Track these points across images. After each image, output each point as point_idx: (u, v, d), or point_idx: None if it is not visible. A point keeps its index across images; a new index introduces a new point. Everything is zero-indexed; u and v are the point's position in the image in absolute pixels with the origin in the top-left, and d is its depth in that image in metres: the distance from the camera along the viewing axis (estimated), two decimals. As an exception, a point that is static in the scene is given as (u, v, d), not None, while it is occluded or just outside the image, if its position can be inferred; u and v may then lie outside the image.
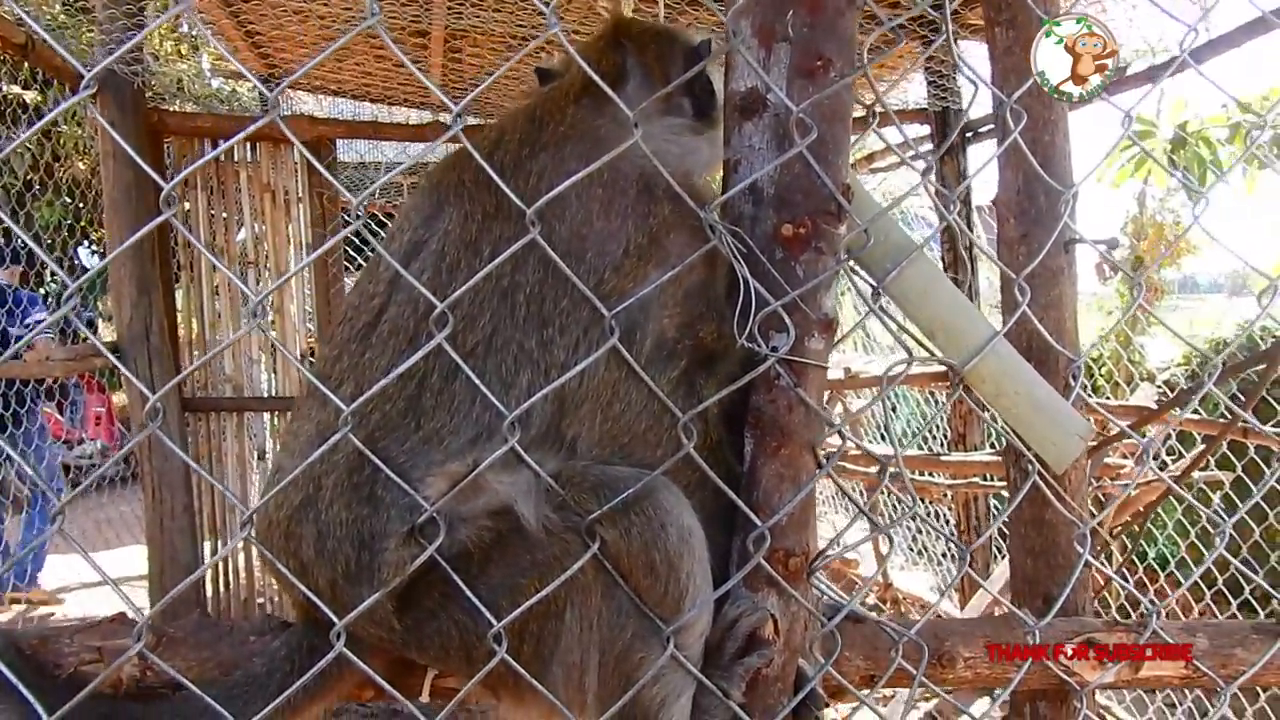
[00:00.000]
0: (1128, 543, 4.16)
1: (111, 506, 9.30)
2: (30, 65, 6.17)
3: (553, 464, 1.56)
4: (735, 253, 1.55)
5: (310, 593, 1.53)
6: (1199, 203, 1.86)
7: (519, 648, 1.52)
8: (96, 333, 9.40)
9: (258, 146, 6.06)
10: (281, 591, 4.69)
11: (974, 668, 1.83)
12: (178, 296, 6.10)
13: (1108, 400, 5.61)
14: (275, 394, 6.31)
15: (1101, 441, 2.62)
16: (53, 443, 8.17)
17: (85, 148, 9.96)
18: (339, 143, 6.92)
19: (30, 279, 8.35)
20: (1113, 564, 4.12)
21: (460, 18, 5.40)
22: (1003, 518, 1.97)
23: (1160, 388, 5.72)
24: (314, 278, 6.23)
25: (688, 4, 4.82)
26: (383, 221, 8.85)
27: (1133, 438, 2.07)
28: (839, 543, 1.73)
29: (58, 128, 9.16)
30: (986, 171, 2.22)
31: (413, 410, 1.61)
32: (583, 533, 1.49)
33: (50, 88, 8.70)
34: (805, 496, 1.57)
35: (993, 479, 5.46)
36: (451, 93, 6.69)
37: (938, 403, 7.40)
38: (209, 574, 5.96)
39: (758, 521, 1.52)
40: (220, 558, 6.11)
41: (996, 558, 5.93)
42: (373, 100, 7.50)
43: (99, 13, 5.03)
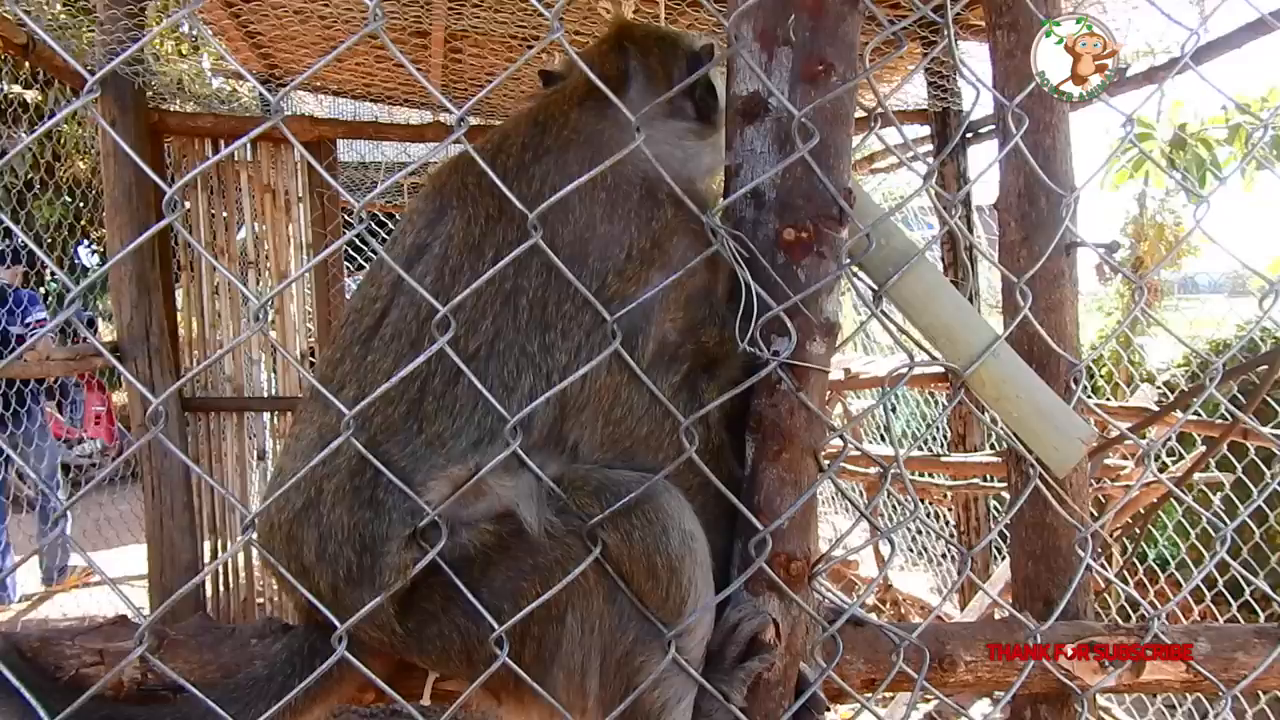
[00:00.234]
0: (1128, 545, 4.16)
1: (111, 506, 9.29)
2: (31, 65, 6.16)
3: (554, 468, 1.56)
4: (737, 257, 1.55)
5: (312, 596, 1.53)
6: (1200, 206, 1.86)
7: (520, 651, 1.52)
8: (96, 332, 9.41)
9: (258, 147, 6.07)
10: (282, 593, 4.69)
11: (975, 671, 1.84)
12: (178, 296, 6.10)
13: (1108, 401, 5.61)
14: (275, 394, 6.32)
15: (1102, 444, 2.62)
16: (53, 442, 8.19)
17: (86, 147, 9.96)
18: (340, 143, 6.92)
19: (31, 279, 8.37)
20: (1113, 566, 4.12)
21: (461, 18, 5.40)
22: (1003, 521, 1.97)
23: (1160, 389, 5.72)
24: (314, 278, 6.24)
25: (688, 6, 4.82)
26: (383, 222, 8.84)
27: (1133, 440, 2.06)
28: (841, 546, 1.73)
29: (58, 127, 9.15)
30: (987, 173, 2.22)
31: (414, 414, 1.61)
32: (584, 536, 1.49)
33: (51, 88, 8.69)
34: (807, 500, 1.57)
35: (993, 480, 5.45)
36: (452, 93, 6.69)
37: (938, 403, 7.40)
38: (210, 575, 5.96)
39: (759, 526, 1.52)
40: (222, 561, 6.12)
41: (996, 559, 5.93)
42: (374, 100, 7.50)
43: (100, 13, 5.03)
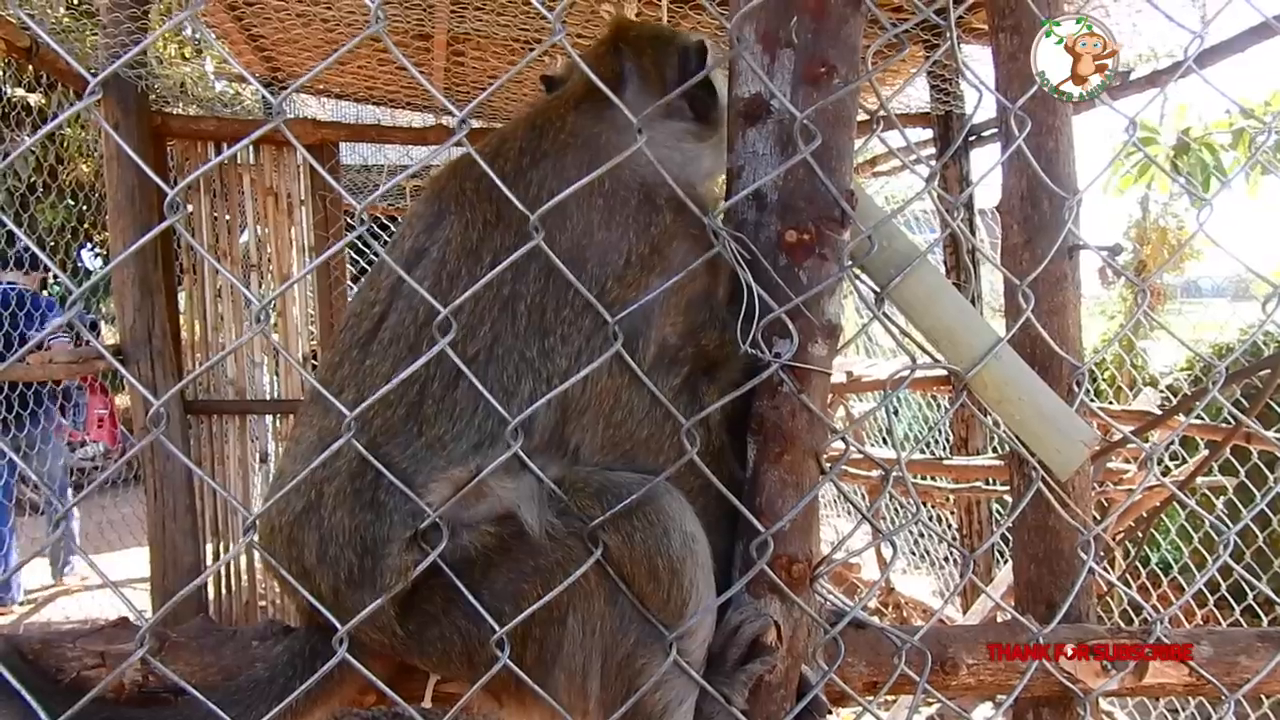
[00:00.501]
0: (1131, 549, 4.15)
1: (114, 509, 9.30)
2: (34, 69, 6.17)
3: (556, 470, 1.56)
4: (739, 259, 1.55)
5: (313, 598, 1.53)
6: (1203, 209, 1.86)
7: (521, 653, 1.51)
8: (99, 335, 9.42)
9: (260, 149, 6.07)
10: (284, 595, 4.69)
11: (977, 674, 1.83)
12: (180, 299, 6.10)
13: (1111, 405, 5.60)
14: (278, 397, 6.32)
15: (1105, 447, 2.62)
16: (61, 444, 8.25)
17: (88, 150, 9.97)
18: (342, 146, 6.92)
19: (48, 284, 8.43)
20: (1115, 570, 4.11)
21: (463, 21, 5.41)
22: (1006, 524, 1.97)
23: (1163, 392, 5.71)
24: (316, 281, 6.24)
25: (690, 9, 4.82)
26: (386, 225, 8.85)
27: (1136, 444, 2.06)
28: (842, 549, 1.73)
29: (61, 130, 9.17)
30: (989, 175, 2.21)
31: (414, 416, 1.61)
32: (586, 538, 1.49)
33: (54, 91, 8.71)
34: (809, 503, 1.57)
35: (995, 483, 5.45)
36: (454, 97, 6.70)
37: (940, 406, 7.39)
38: (211, 578, 5.96)
39: (761, 528, 1.51)
40: (222, 564, 6.12)
41: (999, 562, 5.92)
42: (376, 103, 7.50)
43: (103, 16, 5.04)
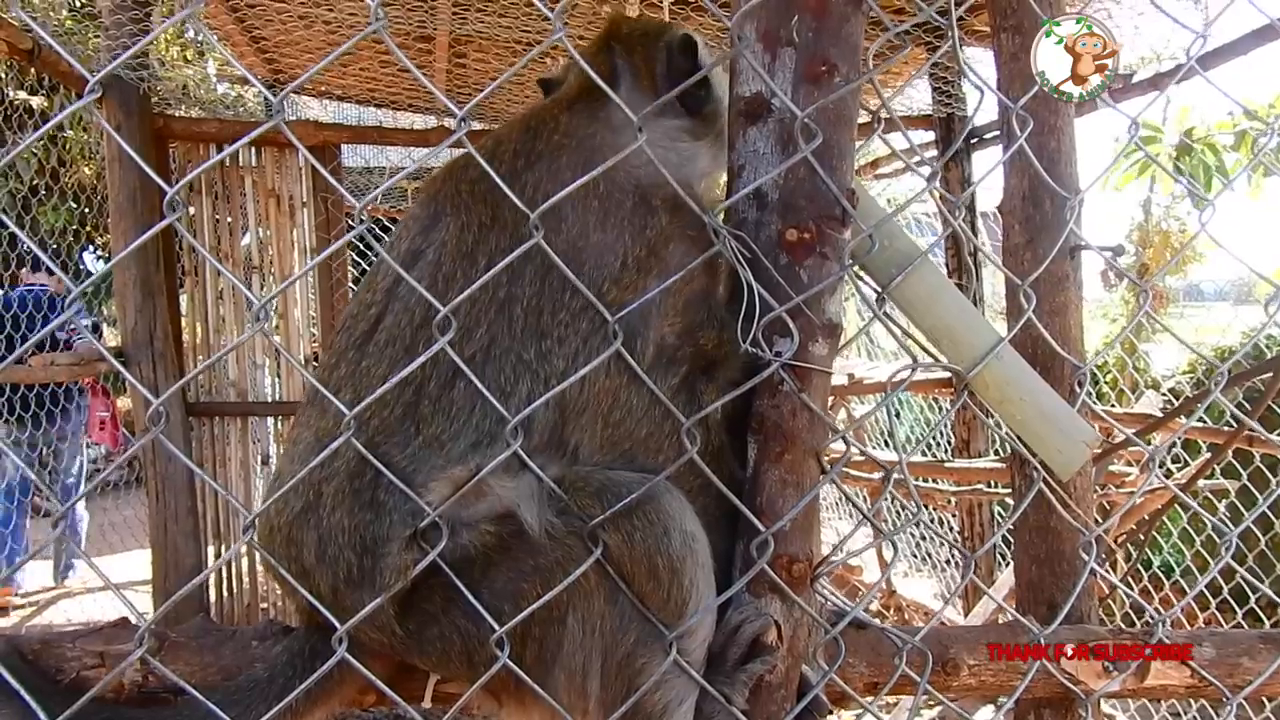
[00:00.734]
0: (1132, 551, 4.14)
1: (115, 511, 9.30)
2: (37, 71, 6.18)
3: (555, 469, 1.56)
4: (739, 258, 1.55)
5: (312, 598, 1.53)
6: (1206, 209, 1.85)
7: (521, 653, 1.51)
8: (101, 337, 9.44)
9: (262, 151, 6.08)
10: (284, 596, 4.69)
11: (978, 675, 1.82)
12: (182, 301, 6.11)
13: (1113, 408, 5.60)
14: (279, 399, 6.32)
15: (1107, 449, 2.61)
16: (82, 443, 8.33)
17: (91, 152, 9.97)
18: (344, 148, 6.94)
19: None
20: (1117, 572, 4.10)
21: (465, 23, 5.41)
22: (1008, 524, 1.97)
23: (1165, 395, 5.71)
24: (318, 282, 6.25)
25: (692, 10, 4.82)
26: (387, 226, 8.85)
27: (1139, 445, 2.05)
28: (843, 549, 1.72)
29: (63, 132, 9.17)
30: (990, 178, 2.21)
31: (411, 416, 1.60)
32: (585, 537, 1.49)
33: (56, 93, 8.71)
34: (809, 502, 1.57)
35: (997, 486, 5.44)
36: (456, 98, 6.70)
37: (941, 409, 7.39)
38: (212, 579, 5.97)
39: (761, 527, 1.51)
40: (222, 563, 6.13)
41: (1000, 564, 5.91)
42: (378, 105, 7.50)
43: (105, 18, 5.05)
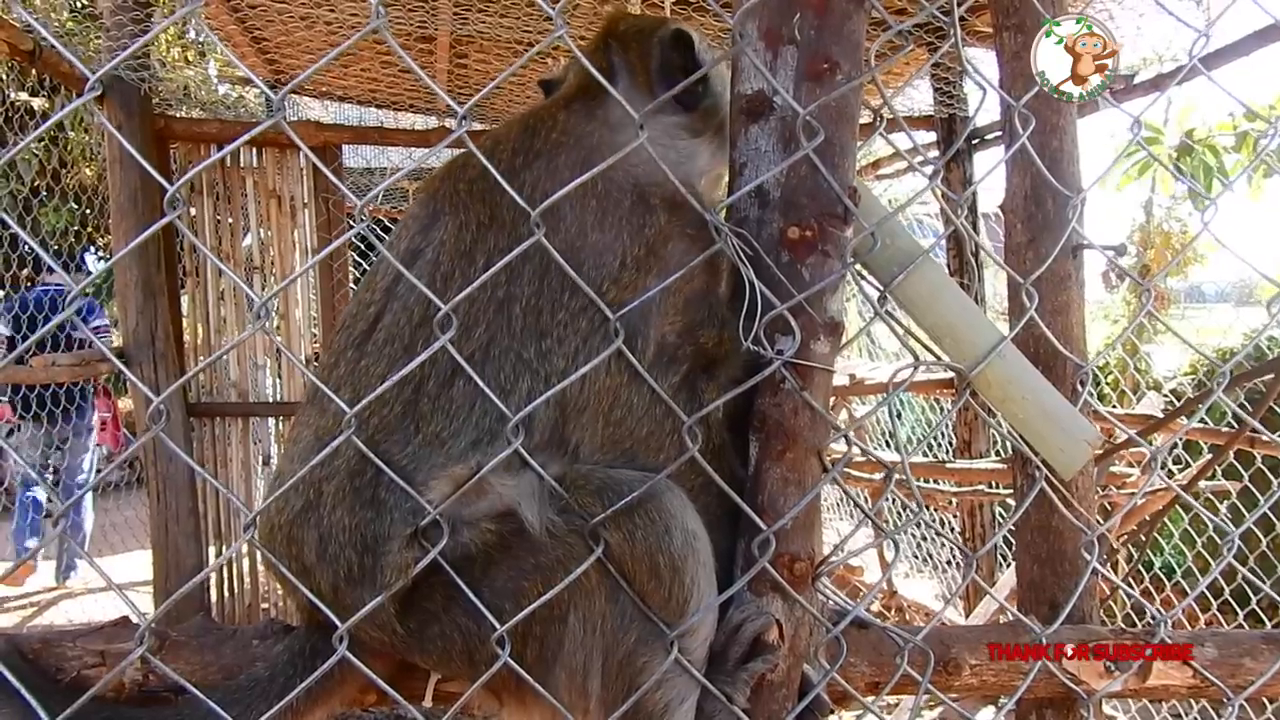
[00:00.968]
0: (1133, 551, 4.14)
1: (117, 511, 9.30)
2: (38, 72, 6.19)
3: (556, 468, 1.56)
4: (741, 256, 1.54)
5: (313, 596, 1.53)
6: (1208, 209, 1.85)
7: (522, 651, 1.51)
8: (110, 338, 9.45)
9: (263, 152, 6.08)
10: (285, 596, 4.69)
11: (980, 675, 1.82)
12: (183, 302, 6.11)
13: (1114, 409, 5.60)
14: (280, 399, 6.32)
15: (1109, 450, 2.61)
16: (91, 441, 8.42)
17: (92, 153, 9.98)
18: (345, 148, 6.94)
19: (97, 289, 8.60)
20: (1118, 573, 4.10)
21: (466, 23, 5.41)
22: (1010, 523, 1.96)
23: (1167, 396, 5.71)
24: (319, 282, 6.25)
25: (694, 9, 4.82)
26: (388, 226, 8.86)
27: (1141, 445, 2.05)
28: (844, 548, 1.72)
29: (64, 133, 9.18)
30: (991, 179, 2.20)
31: (410, 414, 1.60)
32: (586, 535, 1.48)
33: (57, 94, 8.72)
34: (811, 501, 1.56)
35: (998, 487, 5.44)
36: (457, 98, 6.70)
37: (943, 410, 7.39)
38: (213, 578, 5.97)
39: (763, 526, 1.51)
40: (222, 563, 6.13)
41: (1001, 565, 5.91)
42: (379, 106, 7.51)
43: (106, 19, 5.05)
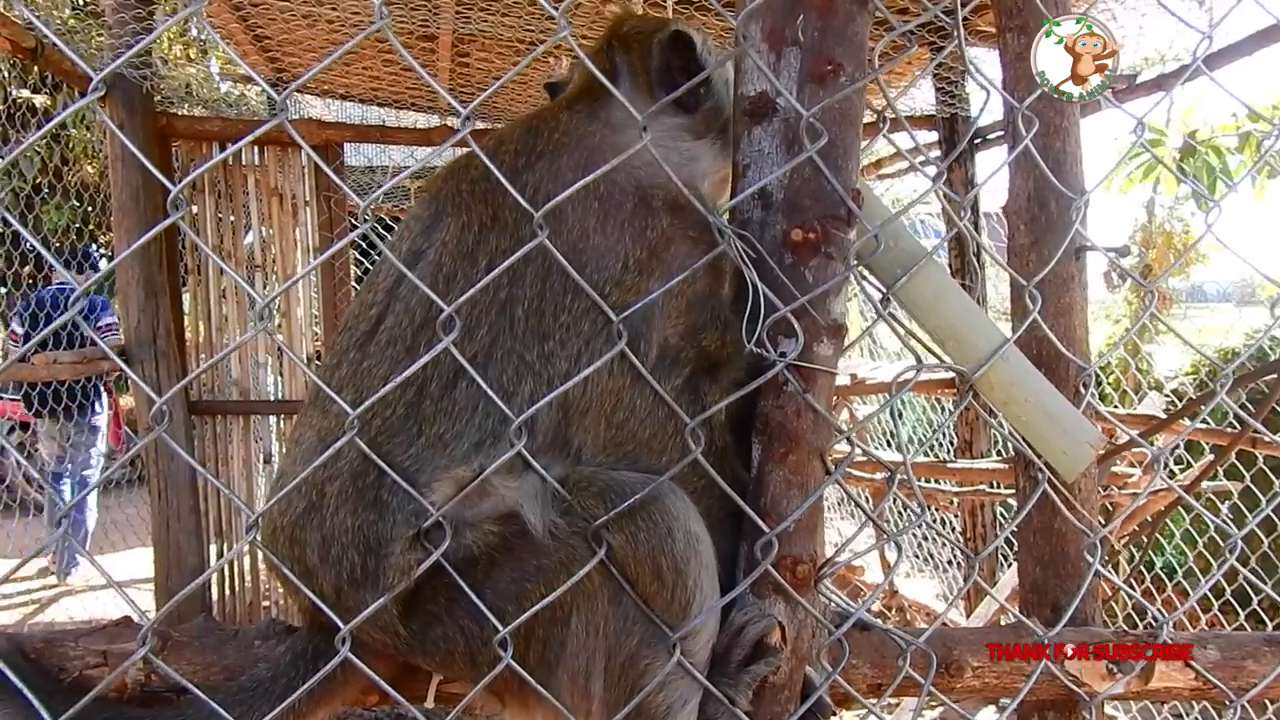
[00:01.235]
0: (1135, 552, 4.14)
1: (118, 509, 9.31)
2: (40, 70, 6.19)
3: (559, 470, 1.55)
4: (744, 258, 1.54)
5: (316, 598, 1.53)
6: (1212, 211, 1.85)
7: (524, 653, 1.51)
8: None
9: (265, 150, 6.07)
10: (287, 596, 4.70)
11: (982, 677, 1.82)
12: (185, 300, 6.11)
13: (1116, 409, 5.59)
14: (282, 397, 6.32)
15: (1110, 450, 2.61)
16: (95, 438, 8.46)
17: (94, 151, 9.99)
18: (346, 147, 6.93)
19: (101, 285, 8.62)
20: (1120, 573, 4.10)
21: (468, 22, 5.41)
22: (1012, 526, 1.96)
23: (1168, 397, 5.70)
24: (321, 281, 6.25)
25: (696, 9, 4.81)
26: (390, 225, 8.86)
27: (1143, 446, 2.05)
28: (847, 550, 1.72)
29: (66, 131, 9.20)
30: (993, 179, 2.20)
31: (413, 416, 1.60)
32: (589, 538, 1.48)
33: (59, 92, 8.73)
34: (813, 503, 1.56)
35: (999, 487, 5.44)
36: (459, 97, 6.70)
37: (944, 409, 7.39)
38: (215, 578, 5.98)
39: (765, 528, 1.51)
40: (224, 563, 6.13)
41: (1002, 565, 5.91)
42: (380, 104, 7.51)
43: (108, 17, 5.05)
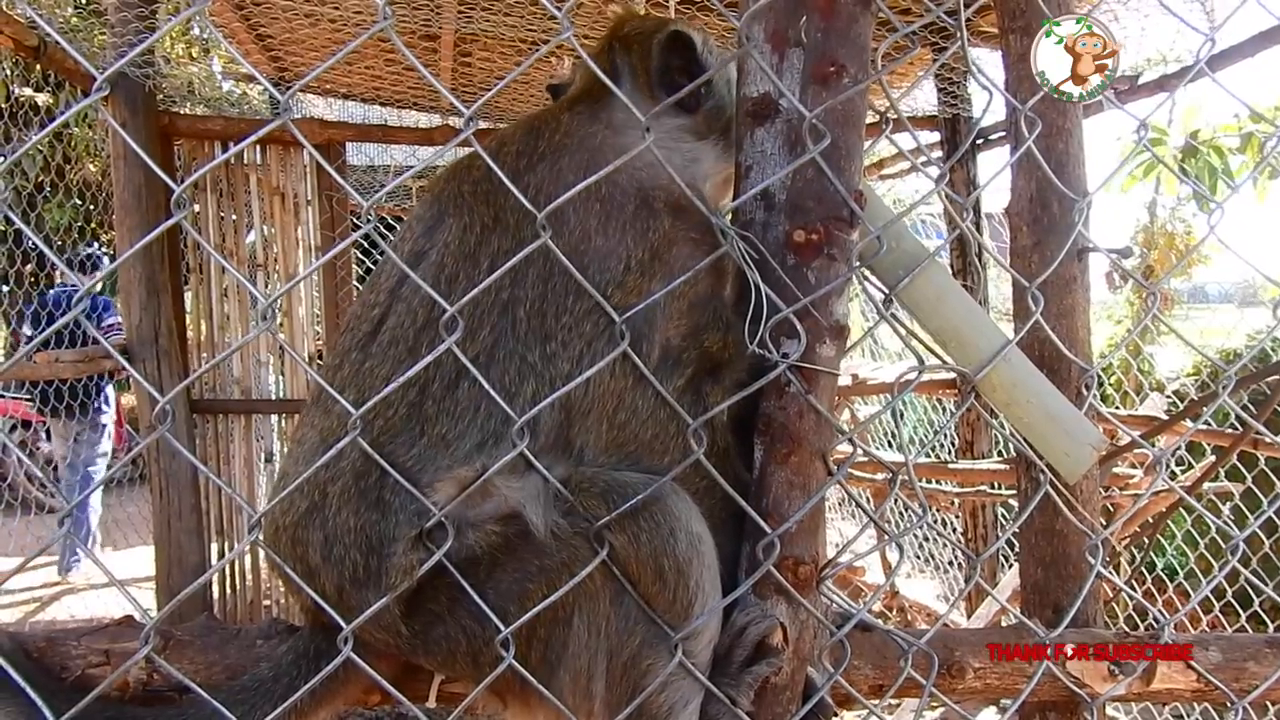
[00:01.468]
0: (1136, 553, 4.14)
1: (119, 508, 9.32)
2: (42, 68, 6.20)
3: (561, 470, 1.56)
4: (746, 259, 1.54)
5: (318, 597, 1.53)
6: (1214, 212, 1.85)
7: (526, 653, 1.51)
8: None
9: (267, 149, 6.08)
10: (288, 594, 4.70)
11: (984, 678, 1.82)
12: (187, 299, 6.12)
13: (1117, 410, 5.59)
14: (283, 396, 6.33)
15: (1112, 452, 2.61)
16: (99, 436, 8.42)
17: (96, 150, 10.00)
18: (348, 146, 6.94)
19: (106, 287, 8.64)
20: (1121, 575, 4.10)
21: (470, 22, 5.41)
22: (1013, 527, 1.96)
23: (1170, 397, 5.70)
24: (322, 281, 6.26)
25: (698, 10, 4.81)
26: (392, 225, 8.86)
27: (1144, 448, 2.05)
28: (848, 551, 1.72)
29: (68, 129, 9.20)
30: (996, 180, 2.20)
31: (415, 416, 1.60)
32: (591, 538, 1.48)
33: (62, 90, 8.73)
34: (815, 504, 1.56)
35: (1000, 487, 5.43)
36: (461, 98, 6.70)
37: (945, 410, 7.39)
38: (216, 576, 5.98)
39: (767, 529, 1.51)
40: (226, 563, 6.13)
41: (1003, 566, 5.91)
42: (382, 104, 7.51)
43: (111, 15, 5.05)
